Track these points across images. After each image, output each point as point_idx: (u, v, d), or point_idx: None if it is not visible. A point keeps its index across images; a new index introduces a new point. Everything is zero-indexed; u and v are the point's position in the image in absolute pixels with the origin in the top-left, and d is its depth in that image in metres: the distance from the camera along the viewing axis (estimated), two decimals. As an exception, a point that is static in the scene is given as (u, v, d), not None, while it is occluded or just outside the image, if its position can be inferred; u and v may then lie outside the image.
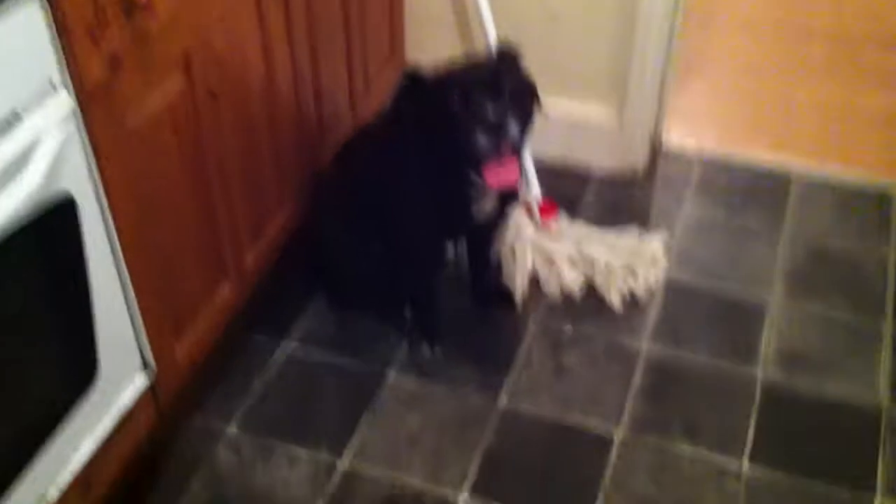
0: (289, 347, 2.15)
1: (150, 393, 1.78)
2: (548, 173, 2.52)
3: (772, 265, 2.32)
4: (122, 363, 1.70)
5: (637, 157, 2.57)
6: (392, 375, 2.08)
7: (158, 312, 1.75)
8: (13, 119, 1.32)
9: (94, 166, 1.50)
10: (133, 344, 1.72)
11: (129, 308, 1.68)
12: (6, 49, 1.29)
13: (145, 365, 1.75)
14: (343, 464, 1.90)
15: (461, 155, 1.79)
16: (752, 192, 2.54)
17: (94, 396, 1.63)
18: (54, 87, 1.38)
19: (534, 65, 1.94)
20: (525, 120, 1.84)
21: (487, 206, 1.95)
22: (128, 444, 1.75)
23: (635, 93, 2.47)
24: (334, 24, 2.20)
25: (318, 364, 2.11)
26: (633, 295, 2.23)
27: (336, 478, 1.88)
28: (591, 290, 2.25)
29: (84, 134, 1.46)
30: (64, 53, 1.38)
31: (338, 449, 1.93)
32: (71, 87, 1.41)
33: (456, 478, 1.87)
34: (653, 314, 2.20)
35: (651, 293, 2.24)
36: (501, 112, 1.74)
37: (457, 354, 2.12)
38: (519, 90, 1.83)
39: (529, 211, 2.38)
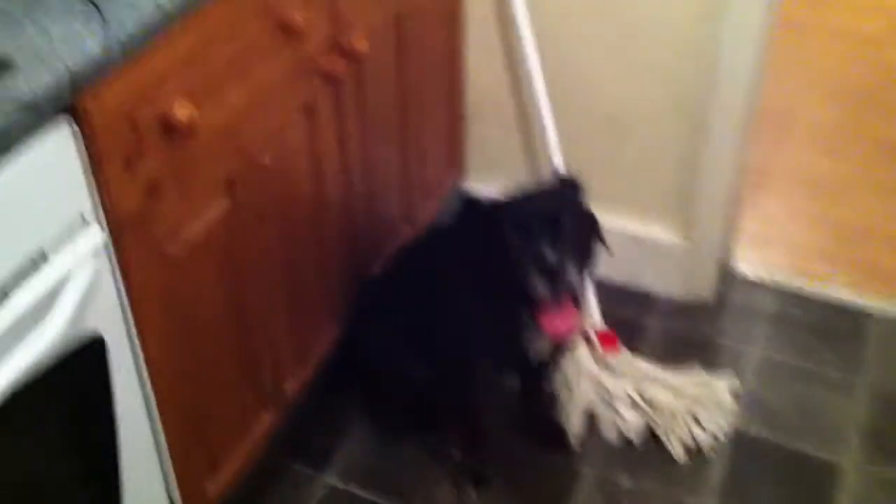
0: (329, 481, 2.01)
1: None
2: (608, 297, 2.36)
3: (848, 420, 2.13)
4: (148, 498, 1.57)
5: (704, 285, 2.40)
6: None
7: (189, 451, 1.61)
8: (39, 260, 1.19)
9: (125, 301, 1.37)
10: (160, 488, 1.58)
11: (158, 450, 1.54)
12: (34, 183, 1.16)
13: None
14: None
15: (516, 294, 1.67)
16: (828, 331, 2.35)
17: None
18: (86, 222, 1.25)
19: (595, 179, 1.84)
20: (586, 258, 1.73)
21: (542, 346, 1.83)
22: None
23: (702, 212, 2.30)
24: (390, 135, 2.07)
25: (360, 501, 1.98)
26: (696, 444, 2.07)
27: None
28: (651, 435, 2.09)
29: (116, 268, 1.33)
30: (98, 185, 1.25)
31: None
32: (104, 219, 1.28)
33: None
34: (717, 470, 2.02)
35: (715, 444, 2.08)
36: (560, 254, 1.62)
37: (505, 500, 1.98)
38: (580, 227, 1.71)
39: (588, 341, 2.24)
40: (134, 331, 1.39)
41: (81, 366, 1.30)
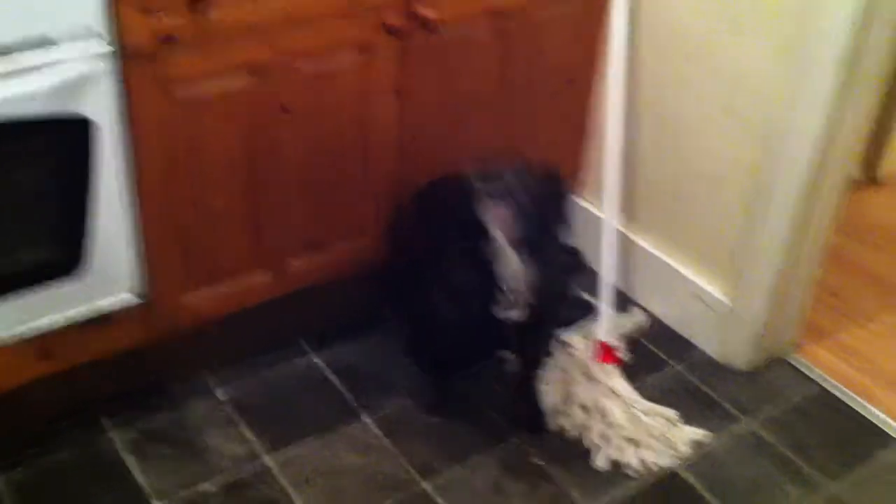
0: (315, 360, 2.38)
1: (143, 317, 2.04)
2: (653, 331, 2.56)
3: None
4: (112, 275, 1.96)
5: (739, 352, 2.44)
6: (367, 421, 2.24)
7: (167, 253, 2.01)
8: (47, 42, 1.65)
9: (123, 107, 1.78)
10: (127, 266, 1.98)
11: (133, 234, 1.94)
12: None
13: (138, 292, 2.01)
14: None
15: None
16: (839, 439, 2.29)
17: (72, 286, 1.92)
18: (95, 34, 1.69)
19: (666, 221, 2.38)
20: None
21: (510, 267, 2.03)
22: (106, 342, 2.03)
23: (748, 280, 2.37)
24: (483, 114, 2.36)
25: (326, 383, 2.33)
26: (622, 463, 2.17)
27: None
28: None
29: (116, 78, 1.75)
30: (111, 16, 1.68)
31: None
32: (115, 42, 1.71)
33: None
34: (620, 491, 2.12)
35: (642, 472, 2.16)
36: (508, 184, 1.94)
37: (433, 431, 2.23)
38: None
39: (594, 347, 2.40)
40: (127, 131, 1.82)
41: (66, 134, 1.76)
